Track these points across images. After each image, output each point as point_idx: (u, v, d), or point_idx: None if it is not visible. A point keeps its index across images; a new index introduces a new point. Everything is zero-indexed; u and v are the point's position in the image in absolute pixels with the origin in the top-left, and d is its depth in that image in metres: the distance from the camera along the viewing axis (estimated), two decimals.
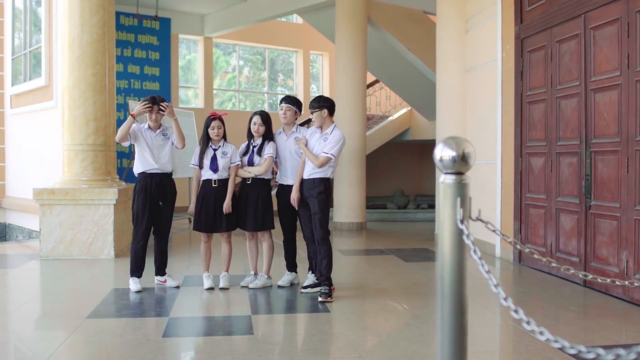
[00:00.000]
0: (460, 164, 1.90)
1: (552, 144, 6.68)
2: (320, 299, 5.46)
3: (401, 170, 17.79)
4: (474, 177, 8.22)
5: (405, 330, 4.61)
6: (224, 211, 5.81)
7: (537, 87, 7.03)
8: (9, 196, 12.06)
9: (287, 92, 18.22)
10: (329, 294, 5.49)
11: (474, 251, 1.81)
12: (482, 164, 8.36)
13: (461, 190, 1.89)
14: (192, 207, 5.93)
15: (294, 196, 5.74)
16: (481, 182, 8.40)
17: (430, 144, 16.66)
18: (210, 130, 5.87)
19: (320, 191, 5.62)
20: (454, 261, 1.87)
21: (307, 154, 5.67)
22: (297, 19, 17.62)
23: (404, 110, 16.48)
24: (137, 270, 5.95)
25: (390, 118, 16.29)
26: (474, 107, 8.64)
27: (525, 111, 7.28)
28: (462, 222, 1.85)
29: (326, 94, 16.68)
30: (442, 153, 1.92)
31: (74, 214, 7.75)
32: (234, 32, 15.69)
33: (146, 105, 5.77)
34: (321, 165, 5.60)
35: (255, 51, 17.82)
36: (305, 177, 5.71)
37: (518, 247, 2.10)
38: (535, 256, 2.25)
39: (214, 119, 5.89)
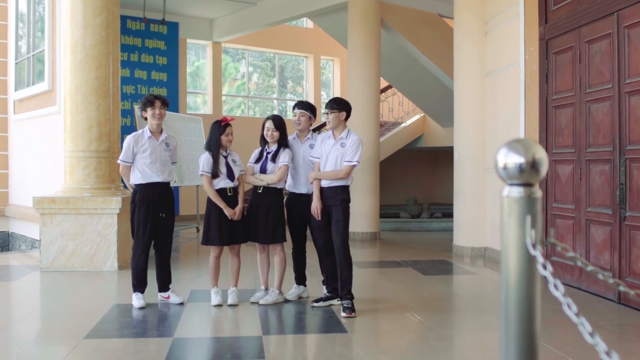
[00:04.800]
0: (530, 173, 1.51)
1: (582, 151, 6.27)
2: (344, 314, 5.11)
3: (414, 178, 17.37)
4: (494, 186, 7.80)
5: (431, 354, 4.20)
6: (235, 217, 5.43)
7: (564, 91, 6.63)
8: (12, 204, 11.73)
9: (297, 99, 17.86)
10: (352, 309, 5.14)
11: (555, 286, 1.42)
12: None
13: (531, 205, 1.51)
14: (230, 212, 5.40)
15: (316, 205, 5.37)
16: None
17: (443, 151, 16.27)
18: (224, 137, 5.48)
19: (344, 199, 5.33)
20: (524, 297, 1.48)
21: (324, 175, 5.36)
22: (307, 23, 17.30)
23: (417, 117, 16.09)
24: (139, 285, 5.58)
25: (403, 125, 15.91)
26: (494, 113, 8.25)
27: (551, 116, 6.89)
28: (534, 246, 1.47)
29: None
30: (507, 159, 1.53)
31: (75, 224, 7.38)
32: (243, 37, 15.35)
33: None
34: (347, 175, 5.30)
35: (265, 57, 17.48)
36: (325, 185, 5.37)
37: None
38: (600, 276, 1.86)
39: (227, 124, 5.53)
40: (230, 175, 5.48)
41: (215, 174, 5.44)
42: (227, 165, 5.49)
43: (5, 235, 11.89)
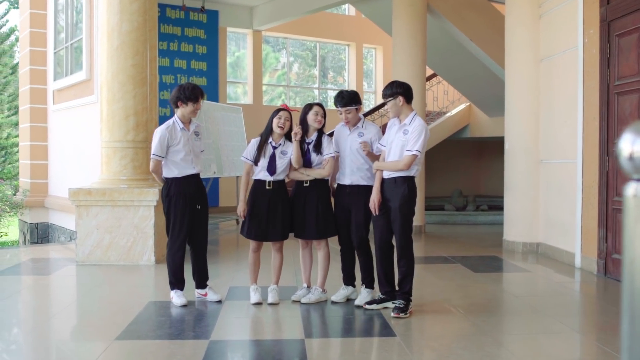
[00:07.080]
0: None
1: None
2: (393, 314, 4.76)
3: (459, 170, 16.86)
4: (548, 178, 7.33)
5: None
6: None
7: (628, 76, 6.16)
8: (52, 195, 11.65)
9: (338, 89, 17.48)
10: (403, 309, 4.79)
11: None
12: (559, 164, 7.52)
13: None
14: (240, 208, 5.11)
15: (375, 198, 4.97)
16: (557, 183, 7.58)
17: (490, 142, 15.73)
18: (276, 119, 5.09)
19: (404, 193, 4.86)
20: None
21: (384, 166, 4.94)
22: (349, 10, 16.90)
23: (462, 106, 15.57)
24: (178, 283, 5.29)
25: (448, 114, 15.40)
26: (549, 100, 7.78)
27: (612, 103, 6.41)
28: None
29: (380, 91, 15.90)
30: (634, 147, 1.16)
31: (112, 216, 7.16)
32: (283, 25, 15.03)
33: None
34: (408, 167, 4.84)
35: (305, 47, 17.16)
36: (385, 176, 4.95)
37: None
38: None
39: (282, 109, 5.16)
40: (271, 168, 5.11)
41: (254, 161, 5.12)
42: (272, 157, 5.10)
43: (45, 227, 11.83)
